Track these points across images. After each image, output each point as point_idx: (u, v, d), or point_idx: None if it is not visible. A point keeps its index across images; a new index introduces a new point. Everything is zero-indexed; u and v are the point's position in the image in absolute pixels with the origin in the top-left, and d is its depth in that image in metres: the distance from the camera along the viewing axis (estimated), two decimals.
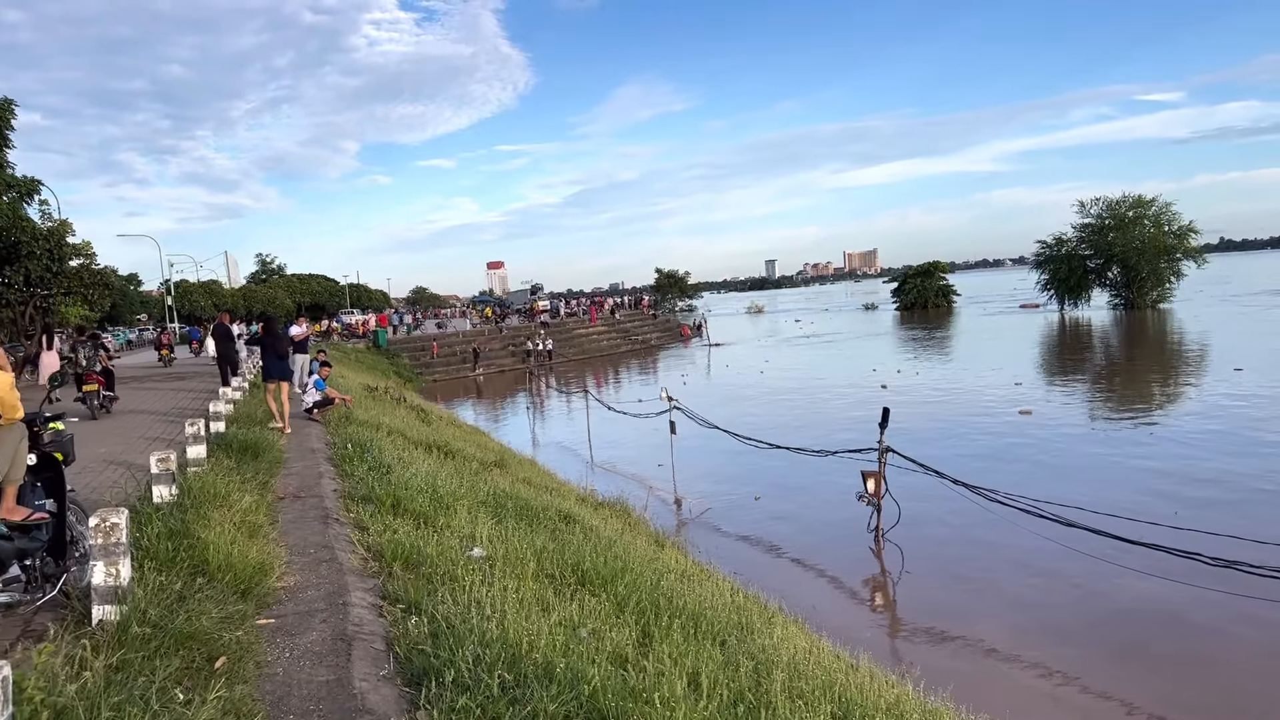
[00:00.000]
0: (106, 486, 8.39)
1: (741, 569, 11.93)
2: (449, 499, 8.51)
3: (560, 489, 14.81)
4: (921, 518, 13.73)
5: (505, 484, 12.14)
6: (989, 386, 30.22)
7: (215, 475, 7.36)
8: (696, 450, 20.59)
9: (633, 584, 6.86)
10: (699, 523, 15.52)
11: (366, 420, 14.54)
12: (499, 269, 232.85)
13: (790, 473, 17.81)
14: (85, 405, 16.05)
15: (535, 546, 7.53)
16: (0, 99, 23.43)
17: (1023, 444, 20.28)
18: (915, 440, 20.61)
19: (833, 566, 12.82)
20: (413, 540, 6.48)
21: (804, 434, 22.16)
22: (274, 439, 10.78)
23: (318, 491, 8.24)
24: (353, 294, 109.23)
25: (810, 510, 15.48)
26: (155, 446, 11.56)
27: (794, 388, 34.36)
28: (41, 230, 27.41)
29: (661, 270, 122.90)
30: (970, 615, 10.62)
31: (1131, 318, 60.79)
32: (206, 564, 5.09)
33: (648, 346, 62.69)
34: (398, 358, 47.74)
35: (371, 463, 9.88)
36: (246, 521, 6.31)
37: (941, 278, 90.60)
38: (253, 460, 9.35)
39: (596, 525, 10.75)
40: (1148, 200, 67.49)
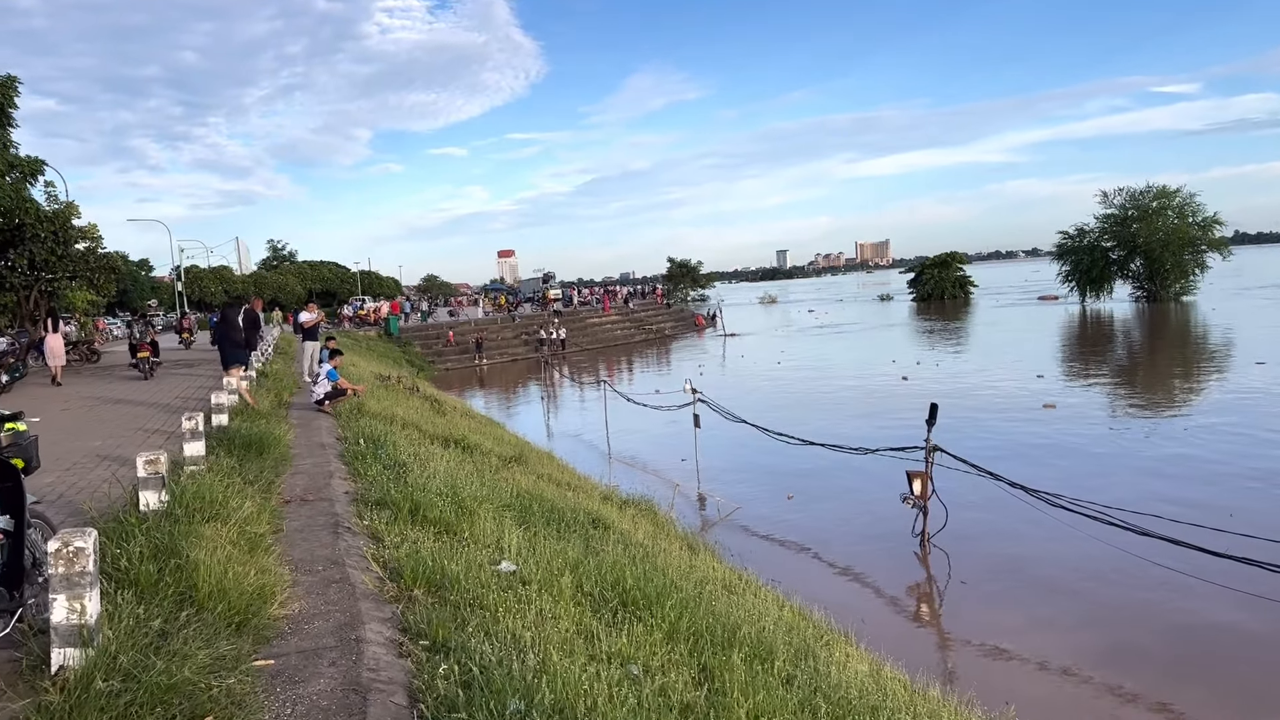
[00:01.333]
0: (92, 489, 7.64)
1: (779, 575, 11.15)
2: (471, 503, 7.73)
3: (583, 486, 14.04)
4: (967, 521, 12.89)
5: (528, 483, 11.37)
6: (1010, 380, 29.48)
7: (213, 478, 6.58)
8: (719, 444, 19.79)
9: (681, 605, 6.07)
10: (728, 523, 14.71)
11: (379, 412, 13.77)
12: (509, 257, 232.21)
13: (822, 470, 16.97)
14: (138, 369, 21.69)
15: (568, 558, 6.75)
16: (2, 77, 22.67)
17: (1052, 439, 19.45)
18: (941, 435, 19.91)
19: (874, 573, 11.99)
20: (434, 555, 5.70)
21: (829, 427, 21.31)
22: (281, 433, 10.01)
23: (327, 494, 7.46)
24: (364, 281, 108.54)
25: (847, 511, 14.64)
26: (153, 440, 10.82)
27: (813, 379, 33.53)
28: (46, 213, 26.71)
29: (674, 260, 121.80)
30: (1032, 630, 9.79)
31: (1154, 310, 59.65)
32: (196, 590, 4.31)
33: (661, 336, 61.82)
34: (409, 346, 47.04)
35: (386, 460, 9.11)
36: (246, 533, 5.53)
37: (959, 268, 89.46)
38: (257, 457, 8.58)
39: (627, 529, 9.98)
40: (1172, 191, 66.31)
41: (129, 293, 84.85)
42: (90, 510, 5.80)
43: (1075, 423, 21.33)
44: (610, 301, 69.72)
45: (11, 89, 22.55)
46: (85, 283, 29.61)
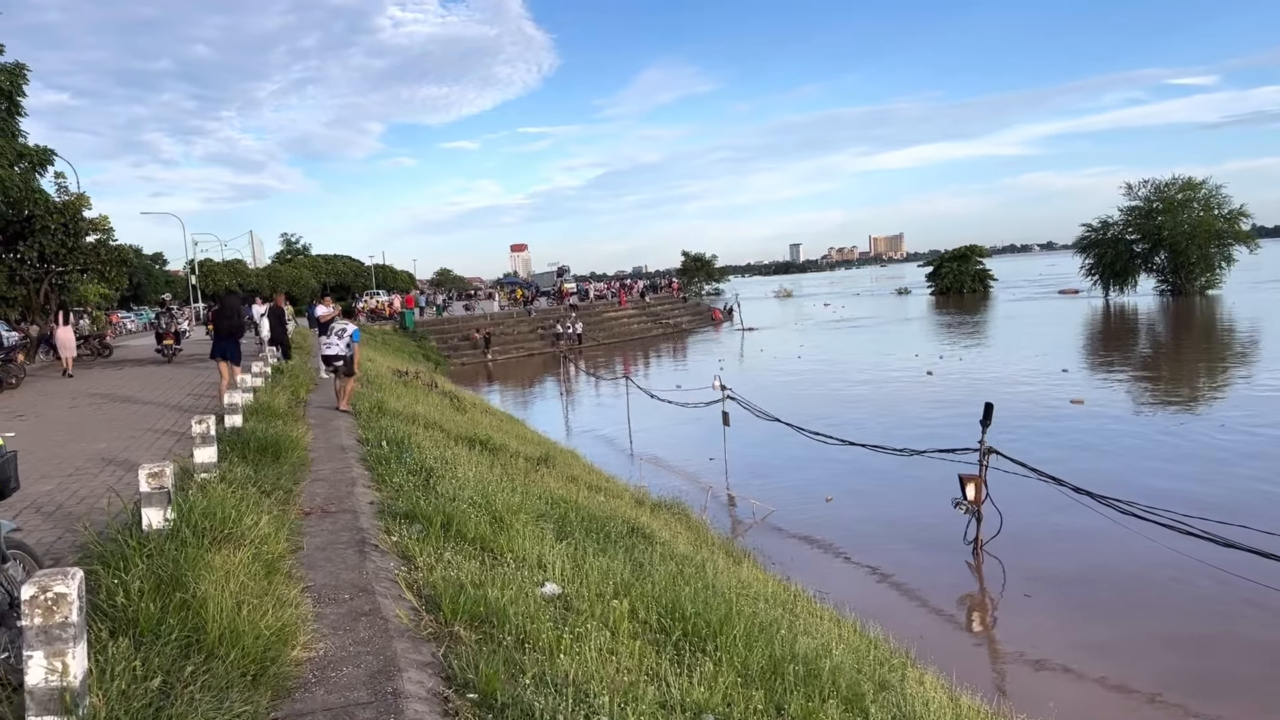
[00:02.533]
0: (94, 498, 7.01)
1: (824, 584, 10.46)
2: (506, 513, 7.08)
3: (613, 489, 13.37)
4: (1018, 526, 12.16)
5: (559, 487, 10.72)
6: (1035, 374, 28.80)
7: (224, 490, 5.93)
8: (747, 442, 19.07)
9: (748, 635, 5.40)
10: (763, 526, 14.02)
11: (400, 411, 13.13)
12: (522, 251, 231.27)
13: (859, 470, 16.27)
14: (163, 355, 24.40)
15: (617, 578, 6.09)
16: (11, 64, 22.08)
17: (1085, 436, 18.80)
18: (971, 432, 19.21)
19: (924, 582, 11.29)
20: (474, 579, 5.04)
21: (859, 424, 20.68)
22: (299, 435, 9.37)
23: (350, 505, 6.81)
24: (378, 274, 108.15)
25: (890, 514, 13.93)
26: (162, 442, 10.21)
27: (836, 374, 32.78)
28: (56, 204, 26.20)
29: (688, 253, 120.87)
30: (1103, 648, 9.07)
31: (1180, 304, 58.60)
32: (204, 632, 3.66)
33: (678, 330, 61.09)
34: (425, 340, 46.43)
35: (411, 465, 8.45)
36: (261, 555, 4.88)
37: (978, 262, 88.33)
38: (273, 463, 7.94)
39: (668, 539, 9.32)
40: (1197, 182, 65.00)
41: (143, 286, 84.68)
42: (85, 531, 5.16)
43: (1107, 419, 20.66)
44: (626, 295, 68.95)
45: (20, 76, 21.96)
46: (96, 275, 29.14)
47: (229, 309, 14.29)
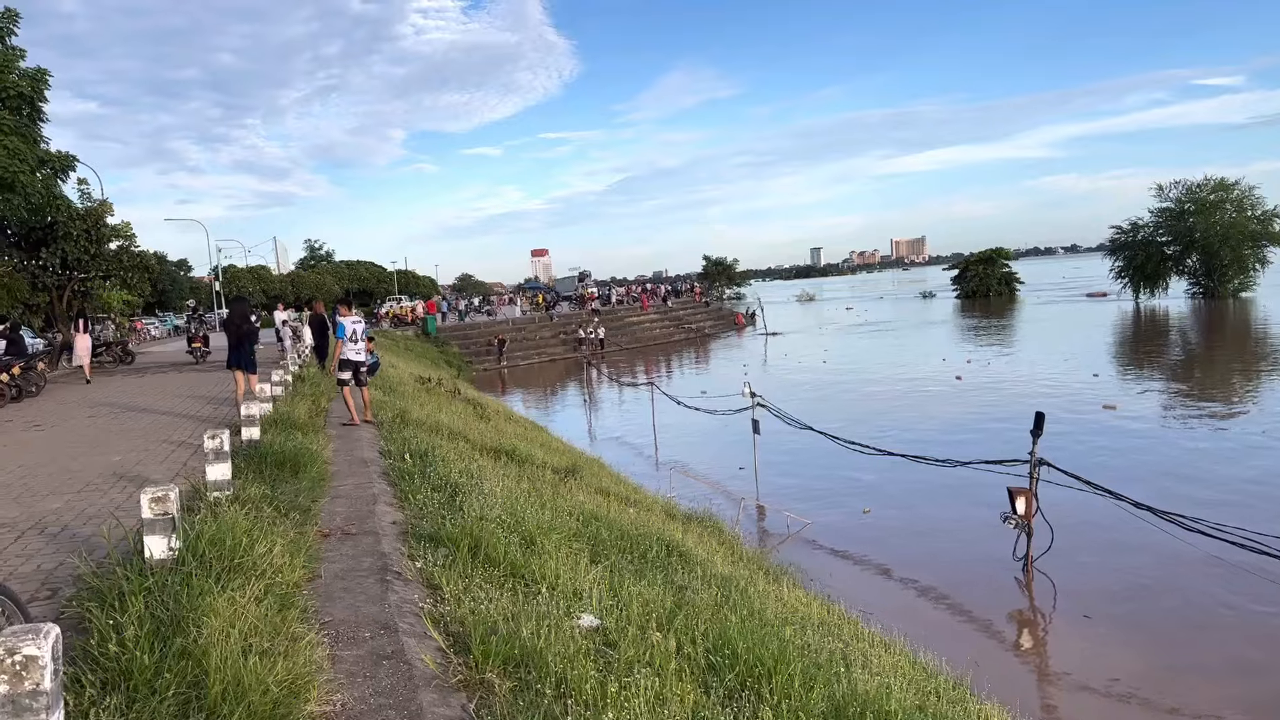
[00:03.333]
0: (101, 517, 6.62)
1: (866, 602, 9.96)
2: (536, 533, 6.63)
3: (642, 500, 12.91)
4: (1068, 541, 11.59)
5: (588, 500, 10.26)
6: (1065, 378, 28.18)
7: (236, 513, 5.52)
8: (775, 450, 18.53)
9: (807, 675, 4.92)
10: (798, 540, 13.50)
11: (423, 421, 12.74)
12: (543, 256, 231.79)
13: (895, 481, 15.70)
14: (193, 357, 26.20)
15: (658, 607, 5.63)
16: (33, 68, 21.95)
17: (1123, 443, 18.18)
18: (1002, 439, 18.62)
19: (972, 601, 10.72)
20: (506, 614, 4.60)
21: (891, 431, 20.18)
22: (319, 448, 8.97)
23: (372, 525, 6.38)
24: (401, 280, 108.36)
25: (931, 528, 13.36)
26: (178, 455, 9.84)
27: (862, 379, 32.20)
28: (78, 210, 26.09)
29: (709, 258, 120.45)
30: (1169, 674, 8.51)
31: (1213, 307, 57.49)
32: (206, 686, 3.22)
33: (701, 335, 60.55)
34: (447, 346, 46.16)
35: (435, 480, 8.02)
36: (274, 587, 4.45)
37: (1004, 265, 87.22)
38: (291, 478, 7.53)
39: (704, 557, 8.84)
40: (1230, 184, 63.77)
41: (168, 293, 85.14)
42: (82, 563, 4.74)
43: (1143, 425, 20.07)
44: (649, 300, 68.48)
45: (42, 82, 21.81)
46: (119, 282, 29.04)
47: (236, 316, 13.95)
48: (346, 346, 12.14)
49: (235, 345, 13.41)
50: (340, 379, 12.32)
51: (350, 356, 12.21)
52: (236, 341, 13.41)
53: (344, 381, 12.28)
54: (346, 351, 12.17)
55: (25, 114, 21.68)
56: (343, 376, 12.25)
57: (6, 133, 20.30)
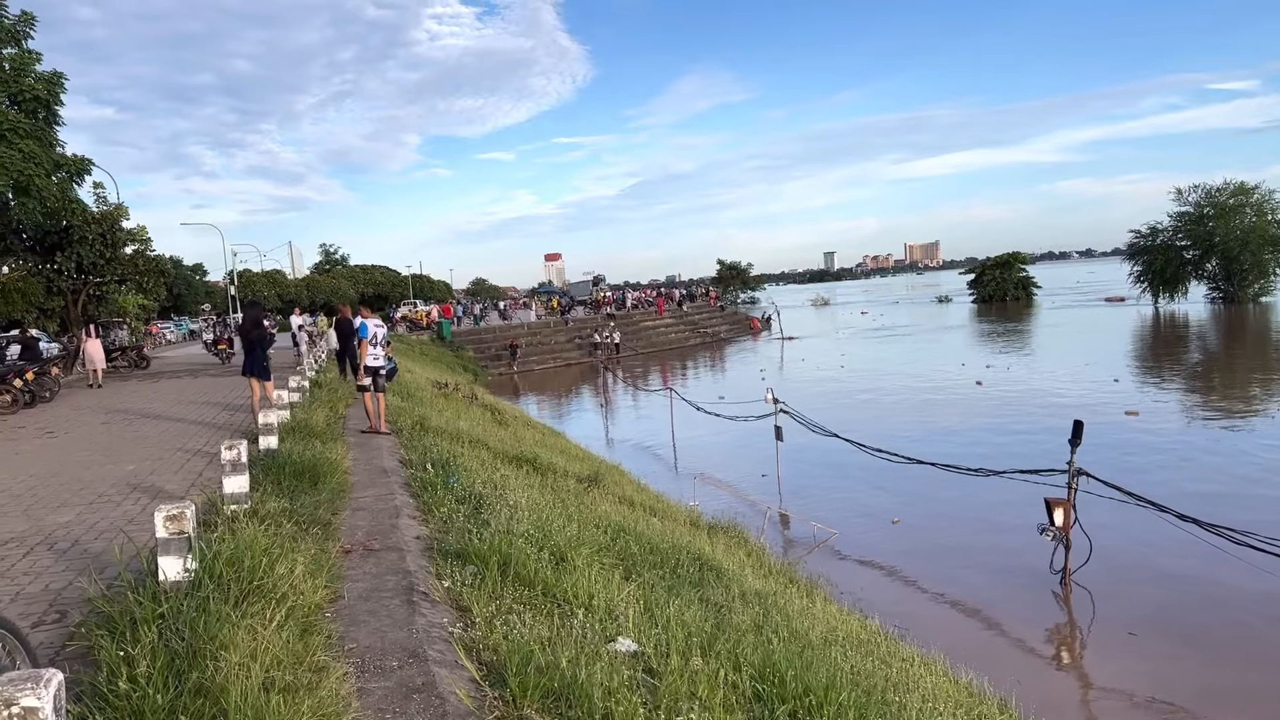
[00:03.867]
0: (113, 532, 6.36)
1: (901, 618, 9.63)
2: (566, 548, 6.35)
3: (666, 510, 12.62)
4: (1106, 553, 11.23)
5: (613, 511, 9.98)
6: (1086, 384, 27.81)
7: (255, 529, 5.25)
8: (800, 458, 18.20)
9: (857, 703, 4.62)
10: (825, 551, 13.17)
11: (443, 428, 12.47)
12: (556, 260, 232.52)
13: (923, 490, 15.33)
14: (220, 359, 27.70)
15: (697, 629, 5.33)
16: (49, 72, 21.85)
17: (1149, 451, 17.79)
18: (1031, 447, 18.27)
19: (1008, 616, 10.36)
20: (541, 639, 4.32)
21: (914, 438, 19.78)
22: (338, 457, 8.71)
23: (395, 540, 6.10)
24: (415, 284, 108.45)
25: (963, 539, 12.99)
26: (193, 465, 9.60)
27: (881, 384, 31.77)
28: (94, 214, 25.98)
29: (723, 261, 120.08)
30: (1216, 696, 8.17)
31: (1233, 312, 56.83)
32: None
33: (717, 340, 60.19)
34: (463, 350, 45.96)
35: (459, 492, 7.75)
36: (296, 611, 4.18)
37: (1021, 269, 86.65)
38: (311, 489, 7.27)
39: (734, 570, 8.54)
40: (1250, 187, 63.07)
41: (183, 297, 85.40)
42: (91, 585, 4.48)
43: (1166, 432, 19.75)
44: (665, 304, 68.17)
45: (58, 85, 21.70)
46: (134, 286, 28.94)
47: (249, 321, 13.64)
48: (369, 350, 11.87)
49: (249, 351, 13.14)
50: (361, 385, 12.05)
51: (370, 362, 11.91)
52: (249, 347, 13.13)
53: (365, 387, 12.01)
54: (369, 357, 11.90)
55: (41, 117, 21.58)
56: (363, 383, 11.97)
57: (22, 136, 20.18)
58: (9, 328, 30.23)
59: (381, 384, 11.99)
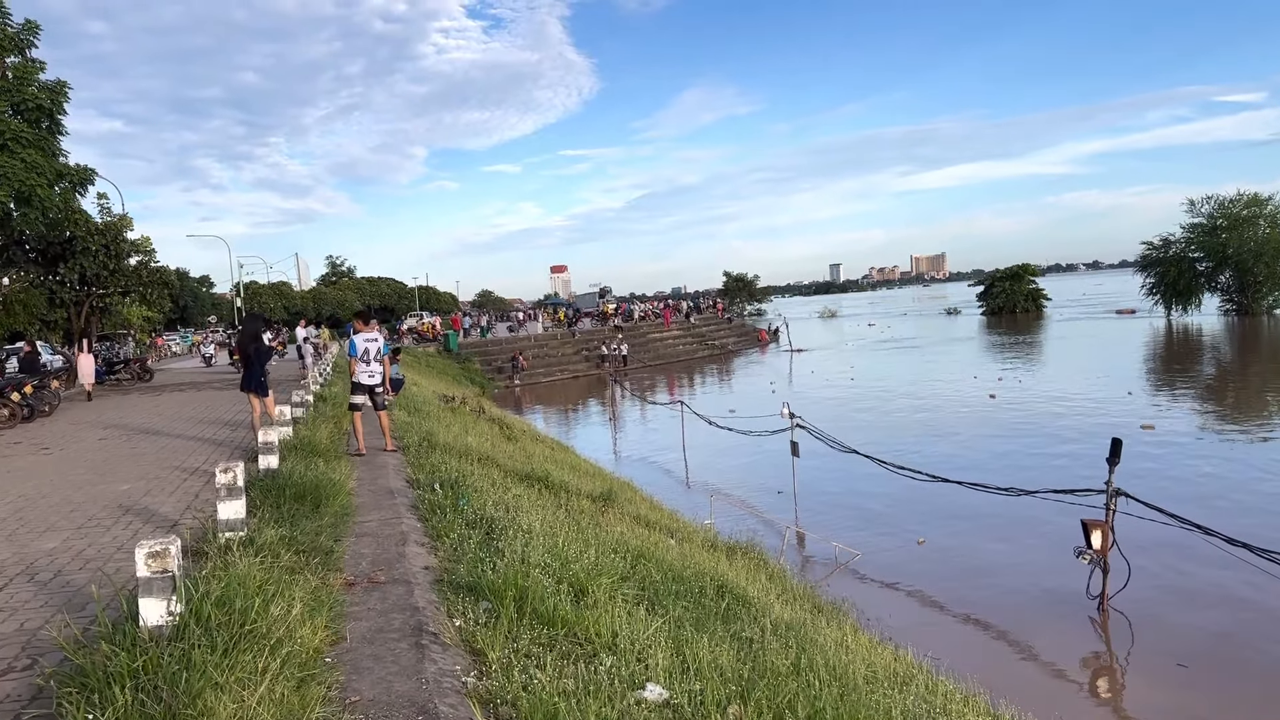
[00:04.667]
0: (102, 560, 5.92)
1: (932, 646, 9.13)
2: (586, 579, 5.90)
3: (682, 529, 12.15)
4: (1148, 577, 10.74)
5: (629, 532, 9.52)
6: (1099, 397, 27.40)
7: (251, 564, 4.81)
8: (815, 474, 17.72)
9: None
10: (846, 573, 12.68)
11: (451, 444, 12.02)
12: (562, 272, 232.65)
13: (946, 508, 14.84)
14: (236, 369, 25.31)
15: (732, 673, 4.88)
16: (52, 81, 21.55)
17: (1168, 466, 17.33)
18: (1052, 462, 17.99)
19: (1045, 645, 9.86)
20: (565, 693, 3.87)
21: (929, 453, 19.37)
22: (341, 478, 8.27)
23: (402, 571, 5.66)
24: (422, 296, 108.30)
25: (991, 561, 12.48)
26: (190, 485, 9.17)
27: (893, 398, 31.30)
28: (97, 225, 25.67)
29: (730, 273, 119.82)
30: None
31: (1247, 324, 56.24)
32: None
33: (724, 352, 59.74)
34: (469, 362, 45.57)
35: (469, 515, 7.31)
36: (292, 658, 3.74)
37: (1031, 281, 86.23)
38: (312, 513, 6.83)
39: (760, 599, 8.06)
40: (1264, 199, 62.49)
41: (189, 308, 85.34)
42: (61, 631, 4.03)
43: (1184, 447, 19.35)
44: (672, 315, 67.76)
45: (61, 94, 21.40)
46: (138, 298, 28.61)
47: (248, 334, 13.06)
48: (359, 367, 11.13)
49: (246, 366, 12.63)
50: (353, 403, 11.31)
51: (364, 380, 11.10)
52: (247, 362, 12.61)
53: (355, 406, 11.29)
54: (359, 374, 11.10)
55: (44, 126, 21.28)
56: (355, 400, 11.24)
57: (24, 145, 19.87)
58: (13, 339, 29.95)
59: (382, 401, 11.31)
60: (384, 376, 11.43)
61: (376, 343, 11.36)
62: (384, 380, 11.43)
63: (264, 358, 12.78)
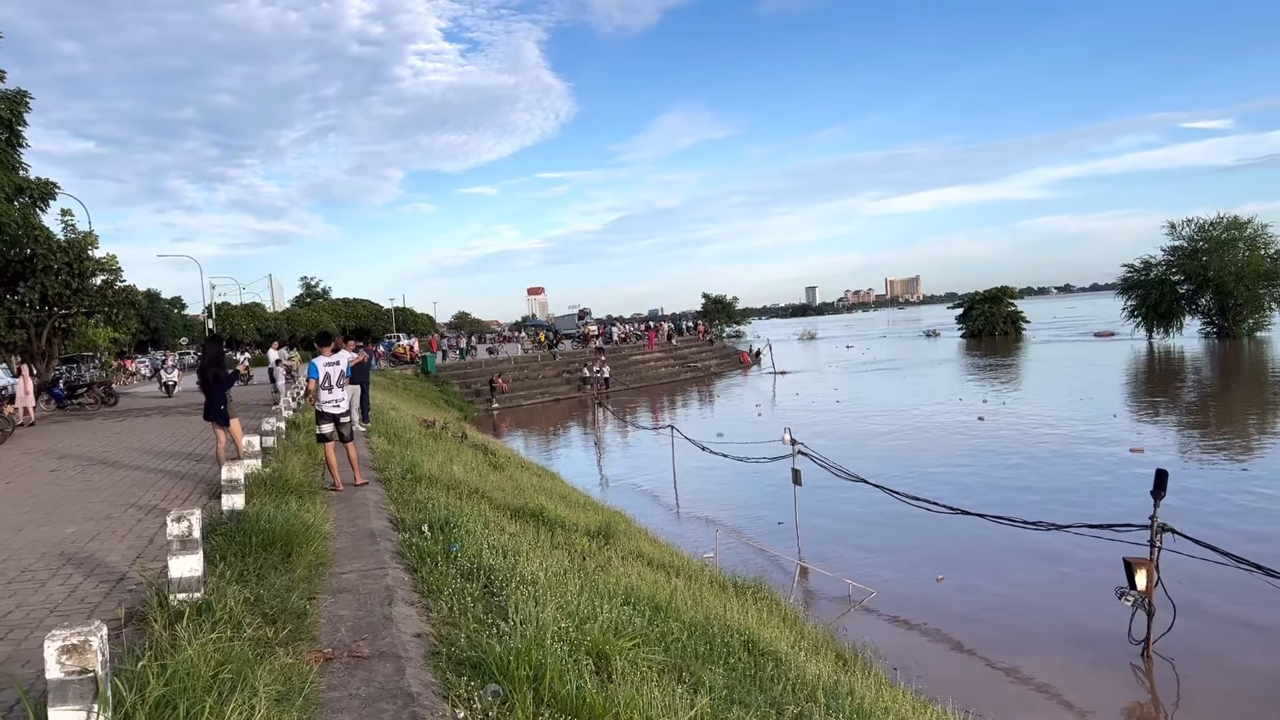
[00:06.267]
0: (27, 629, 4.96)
1: (964, 696, 8.31)
2: (606, 644, 5.03)
3: (684, 566, 11.27)
4: (1192, 618, 9.97)
5: (639, 576, 8.64)
6: (1084, 420, 26.98)
7: (205, 641, 3.90)
8: (810, 500, 16.80)
9: None
10: (860, 612, 11.81)
11: (436, 475, 11.09)
12: (539, 294, 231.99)
13: (957, 540, 14.06)
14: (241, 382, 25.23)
15: None
16: (12, 90, 20.53)
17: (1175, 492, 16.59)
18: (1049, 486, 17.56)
19: (1084, 696, 9.06)
20: None
21: (927, 478, 18.63)
22: (316, 518, 7.33)
23: (389, 640, 4.74)
24: (399, 318, 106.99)
25: (1018, 600, 11.63)
26: (144, 528, 8.18)
27: (880, 420, 30.61)
28: (60, 243, 24.54)
29: (709, 295, 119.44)
30: None
31: (1228, 347, 56.20)
32: None
33: (707, 374, 58.94)
34: (448, 385, 44.47)
35: (464, 564, 6.40)
36: None
37: (1010, 304, 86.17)
38: (282, 564, 5.91)
39: (790, 654, 7.19)
40: (1243, 221, 62.74)
41: (160, 330, 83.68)
42: None
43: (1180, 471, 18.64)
44: (655, 337, 66.96)
45: (21, 104, 20.38)
46: (104, 318, 27.41)
47: (207, 358, 11.84)
48: (321, 395, 9.96)
49: (207, 393, 11.36)
50: (320, 434, 10.12)
51: (328, 409, 10.01)
52: (208, 389, 11.35)
53: (324, 437, 10.12)
54: (321, 401, 9.99)
55: (3, 139, 20.25)
56: (323, 431, 10.07)
57: None
58: None
59: (348, 432, 10.21)
60: (350, 404, 10.43)
61: (339, 366, 10.24)
62: (349, 409, 10.39)
63: (225, 384, 11.55)
